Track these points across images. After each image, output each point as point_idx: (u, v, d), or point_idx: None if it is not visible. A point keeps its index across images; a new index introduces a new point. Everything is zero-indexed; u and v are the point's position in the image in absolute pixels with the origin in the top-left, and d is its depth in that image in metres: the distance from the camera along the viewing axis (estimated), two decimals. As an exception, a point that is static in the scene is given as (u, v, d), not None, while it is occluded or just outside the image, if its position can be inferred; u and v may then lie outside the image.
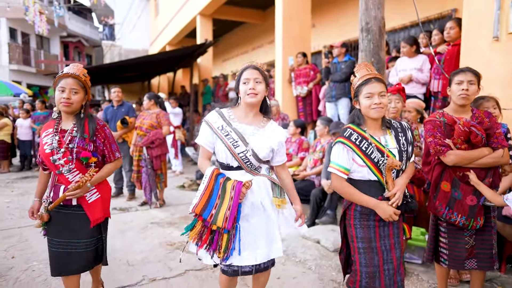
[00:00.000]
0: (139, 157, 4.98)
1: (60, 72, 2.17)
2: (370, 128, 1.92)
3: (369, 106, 1.84)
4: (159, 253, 3.44)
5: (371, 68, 1.95)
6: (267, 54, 11.83)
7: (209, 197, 1.89)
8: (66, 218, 2.15)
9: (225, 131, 1.95)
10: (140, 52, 19.54)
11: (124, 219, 4.50)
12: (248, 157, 1.94)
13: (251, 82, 1.93)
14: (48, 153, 2.08)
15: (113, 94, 5.44)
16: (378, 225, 1.91)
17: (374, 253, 1.89)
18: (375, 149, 1.85)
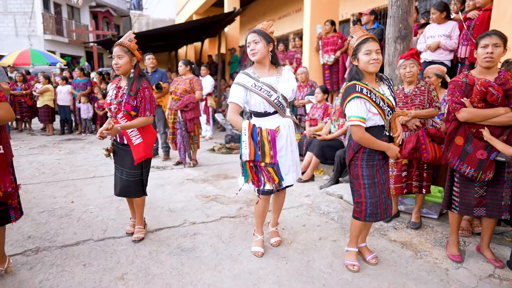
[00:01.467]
0: (174, 120, 5.35)
1: None
2: (369, 82, 2.27)
3: (368, 61, 2.19)
4: (196, 203, 3.84)
5: (364, 30, 2.29)
6: (294, 23, 11.77)
7: (253, 144, 2.38)
8: (120, 151, 2.83)
9: (258, 86, 2.45)
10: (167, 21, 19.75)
11: (162, 176, 4.94)
12: (280, 101, 2.49)
13: (251, 44, 2.42)
14: (108, 102, 2.79)
15: (147, 61, 5.75)
16: (379, 164, 2.36)
17: (376, 186, 2.35)
18: (379, 98, 2.23)
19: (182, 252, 2.75)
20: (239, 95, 2.48)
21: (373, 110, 2.22)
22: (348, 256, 2.58)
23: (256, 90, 2.44)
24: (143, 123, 2.75)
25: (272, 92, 2.44)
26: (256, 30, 2.45)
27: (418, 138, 2.95)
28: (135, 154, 2.73)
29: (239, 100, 2.48)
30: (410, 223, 3.22)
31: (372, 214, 2.37)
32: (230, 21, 10.85)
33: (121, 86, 2.75)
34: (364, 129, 2.24)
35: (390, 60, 3.74)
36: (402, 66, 3.06)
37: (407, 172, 3.17)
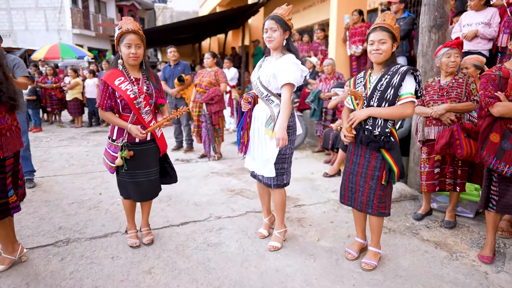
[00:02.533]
0: (199, 113, 5.35)
1: (118, 28, 2.42)
2: (374, 70, 2.27)
3: (370, 52, 2.19)
4: (222, 197, 3.83)
5: (387, 17, 2.20)
6: (320, 13, 11.48)
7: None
8: (146, 152, 2.57)
9: (258, 65, 2.61)
10: (191, 14, 19.79)
11: (187, 168, 4.96)
12: (258, 85, 2.51)
13: (268, 31, 2.40)
14: (132, 97, 2.41)
15: (169, 54, 5.77)
16: (353, 152, 2.38)
17: (345, 172, 2.46)
18: (362, 85, 2.28)
19: (208, 247, 2.74)
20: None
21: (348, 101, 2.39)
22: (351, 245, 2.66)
23: (255, 70, 2.61)
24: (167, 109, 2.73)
25: (254, 73, 2.57)
26: (274, 17, 2.41)
27: (452, 133, 2.80)
28: (161, 146, 2.65)
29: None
30: (444, 222, 3.08)
31: (340, 194, 2.54)
32: (254, 12, 10.71)
33: (137, 78, 2.49)
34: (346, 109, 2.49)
35: (424, 51, 3.55)
36: (446, 54, 2.87)
37: (440, 168, 3.02)
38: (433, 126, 2.95)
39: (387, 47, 2.16)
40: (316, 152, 5.89)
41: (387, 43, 2.15)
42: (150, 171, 2.62)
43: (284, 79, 2.37)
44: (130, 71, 2.48)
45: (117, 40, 2.43)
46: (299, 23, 13.07)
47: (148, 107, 2.49)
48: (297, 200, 3.74)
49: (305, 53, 8.46)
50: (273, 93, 2.47)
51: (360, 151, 2.35)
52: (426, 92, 3.03)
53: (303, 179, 4.48)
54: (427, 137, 3.00)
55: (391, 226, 3.11)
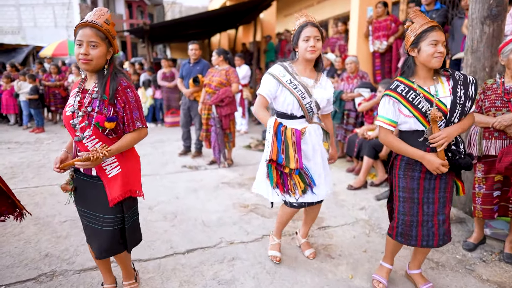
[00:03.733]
0: (208, 116, 4.87)
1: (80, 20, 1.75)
2: (420, 78, 1.91)
3: (433, 54, 1.81)
4: (233, 215, 3.35)
5: (426, 17, 1.89)
6: (334, 7, 10.88)
7: (276, 145, 2.10)
8: (88, 188, 1.85)
9: (294, 84, 2.17)
10: (200, 9, 19.34)
11: (194, 178, 4.49)
12: (312, 107, 2.23)
13: (311, 39, 2.11)
14: (69, 115, 1.76)
15: (190, 52, 5.32)
16: (424, 177, 1.92)
17: (414, 203, 1.95)
18: (423, 99, 1.84)
19: (219, 286, 2.26)
20: (270, 88, 2.23)
21: (404, 111, 1.89)
22: (378, 270, 2.30)
23: (290, 88, 2.19)
24: (137, 140, 1.83)
25: (306, 95, 2.20)
26: (316, 24, 2.17)
27: (523, 149, 2.26)
28: (110, 192, 1.78)
29: (268, 93, 2.23)
30: (505, 256, 2.54)
31: (404, 234, 2.01)
32: (266, 6, 10.17)
33: (87, 89, 1.80)
34: (388, 132, 1.95)
35: (475, 47, 2.99)
36: None
37: (501, 191, 2.48)
38: (494, 139, 2.42)
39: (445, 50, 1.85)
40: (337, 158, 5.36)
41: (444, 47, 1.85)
42: (93, 215, 1.85)
43: (331, 108, 2.42)
44: (88, 78, 1.85)
45: (74, 36, 1.77)
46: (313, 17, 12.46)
47: (89, 130, 1.73)
48: (321, 221, 3.24)
49: (322, 49, 7.91)
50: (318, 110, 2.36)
51: (434, 175, 1.93)
52: (485, 97, 2.49)
53: (325, 192, 3.96)
54: (486, 152, 2.47)
55: (439, 258, 2.59)
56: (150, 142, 6.68)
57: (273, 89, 2.21)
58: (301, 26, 2.15)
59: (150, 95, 8.36)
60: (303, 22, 2.17)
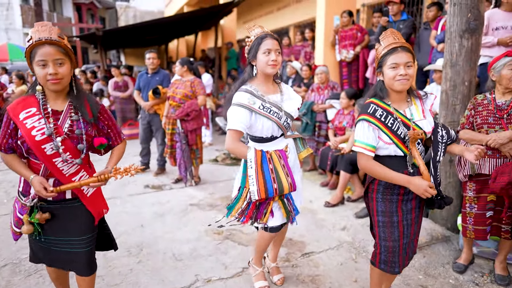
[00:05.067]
0: (172, 131, 4.49)
1: (28, 40, 1.61)
2: (394, 101, 1.80)
3: (394, 77, 1.71)
4: (208, 244, 3.01)
5: (398, 36, 1.78)
6: (295, 14, 10.90)
7: (263, 177, 1.92)
8: (61, 213, 1.75)
9: (267, 108, 2.00)
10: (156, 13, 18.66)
11: (159, 199, 4.08)
12: (288, 123, 2.11)
13: (272, 53, 1.95)
14: (42, 140, 1.61)
15: (147, 61, 4.89)
16: (401, 199, 1.83)
17: (394, 227, 1.83)
18: (401, 124, 1.76)
19: None
20: (243, 120, 1.97)
21: (384, 138, 1.76)
22: None
23: (265, 113, 2.00)
24: (123, 152, 1.96)
25: (282, 114, 2.05)
26: (275, 36, 2.01)
27: (517, 169, 2.17)
28: (95, 209, 1.81)
29: (242, 126, 1.97)
30: (496, 277, 2.46)
31: (387, 262, 1.88)
32: (227, 12, 9.93)
33: (59, 111, 1.68)
34: (369, 158, 1.79)
35: (454, 60, 2.93)
36: (509, 65, 2.24)
37: (493, 211, 2.39)
38: (487, 158, 2.32)
39: (414, 71, 1.74)
40: (308, 170, 5.19)
41: (413, 67, 1.73)
42: (67, 241, 1.77)
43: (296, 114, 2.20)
44: (51, 99, 1.70)
45: (28, 57, 1.62)
46: (273, 25, 12.44)
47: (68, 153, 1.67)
48: (303, 245, 3.00)
49: (285, 57, 7.79)
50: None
51: (411, 195, 1.83)
52: (476, 113, 2.39)
53: (302, 210, 3.71)
54: (478, 171, 2.36)
55: (432, 284, 2.44)
56: (106, 157, 6.09)
57: (246, 120, 1.98)
58: (260, 37, 1.97)
59: (107, 106, 7.72)
60: (261, 33, 1.98)
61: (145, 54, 4.97)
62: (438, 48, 4.34)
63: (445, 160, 3.07)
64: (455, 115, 2.98)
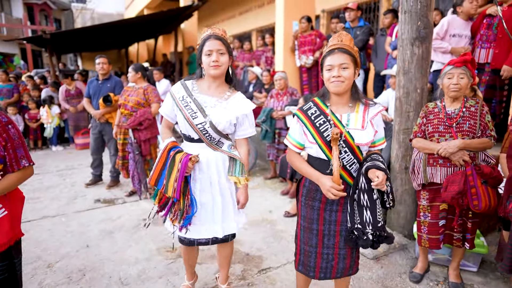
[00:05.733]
0: (124, 141, 4.23)
1: None
2: (333, 104, 1.76)
3: (328, 79, 1.68)
4: (159, 264, 2.81)
5: (344, 37, 1.70)
6: (257, 19, 10.88)
7: (161, 169, 1.95)
8: None
9: (185, 101, 1.96)
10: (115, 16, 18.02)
11: (111, 215, 3.81)
12: (207, 129, 1.95)
13: (214, 54, 1.88)
14: None
15: (97, 66, 4.59)
16: (323, 208, 1.78)
17: (313, 234, 1.81)
18: (332, 127, 1.68)
19: None
20: (168, 106, 2.05)
21: (308, 137, 1.73)
22: None
23: (180, 105, 1.96)
24: (21, 181, 1.68)
25: (199, 114, 1.94)
26: (220, 37, 1.91)
27: (467, 178, 2.17)
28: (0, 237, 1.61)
29: (166, 112, 2.06)
30: (450, 285, 2.45)
31: (304, 264, 1.87)
32: (187, 16, 9.71)
33: None
34: (294, 153, 1.83)
35: (406, 68, 2.94)
36: (448, 75, 2.26)
37: (446, 220, 2.39)
38: (439, 167, 2.30)
39: (350, 73, 1.65)
40: (269, 178, 5.10)
41: (349, 69, 1.65)
42: None
43: (248, 132, 2.05)
44: None
45: None
46: (235, 29, 12.36)
47: None
48: (260, 260, 2.87)
49: (246, 62, 7.70)
50: (225, 135, 2.03)
51: (335, 206, 1.77)
52: (427, 121, 2.38)
53: (261, 222, 3.63)
54: (431, 179, 2.35)
55: (389, 297, 2.40)
56: (57, 170, 5.72)
57: (169, 107, 2.04)
58: (204, 39, 1.92)
59: (56, 113, 7.21)
60: (206, 35, 1.93)
61: (95, 59, 4.68)
62: (392, 55, 4.41)
63: (401, 168, 3.07)
64: (409, 122, 2.98)
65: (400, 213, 3.13)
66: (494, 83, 3.46)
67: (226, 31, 1.98)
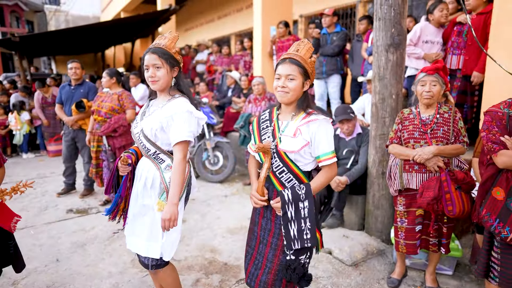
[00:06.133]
0: (98, 148, 4.10)
1: None
2: (282, 112, 1.79)
3: (275, 88, 1.70)
4: (133, 278, 2.70)
5: (302, 47, 1.71)
6: (235, 23, 10.87)
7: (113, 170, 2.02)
8: None
9: (142, 111, 1.97)
10: (91, 19, 17.62)
11: (84, 226, 3.66)
12: (141, 138, 1.87)
13: (150, 69, 1.82)
14: None
15: (69, 71, 4.43)
16: (262, 214, 1.81)
17: (254, 236, 1.85)
18: (270, 132, 1.74)
19: None
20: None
21: (254, 140, 1.82)
22: None
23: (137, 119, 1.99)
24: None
25: (138, 124, 1.93)
26: (157, 50, 1.81)
27: (441, 184, 2.20)
28: None
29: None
30: (427, 290, 2.47)
31: (244, 263, 1.90)
32: (165, 20, 9.59)
33: None
34: (252, 158, 1.89)
35: (381, 74, 2.97)
36: (421, 82, 2.30)
37: (422, 225, 2.41)
38: (414, 173, 2.32)
39: (296, 85, 1.64)
40: (248, 184, 5.05)
41: (296, 80, 1.64)
42: None
43: (176, 137, 1.77)
44: None
45: None
46: (214, 34, 12.32)
47: None
48: (239, 270, 2.81)
49: (225, 67, 7.66)
50: (162, 149, 1.87)
51: (269, 214, 1.78)
52: (403, 127, 2.40)
53: (239, 229, 3.57)
54: (407, 185, 2.36)
55: (368, 304, 2.39)
56: (27, 178, 5.45)
57: None
58: (144, 53, 1.87)
59: (26, 120, 6.93)
60: (147, 49, 1.86)
61: (67, 64, 4.52)
62: (369, 60, 4.46)
63: (378, 173, 3.09)
64: (385, 127, 3.01)
65: (377, 218, 3.15)
66: (465, 89, 3.55)
67: (176, 37, 1.88)
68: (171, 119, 1.78)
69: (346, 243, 2.97)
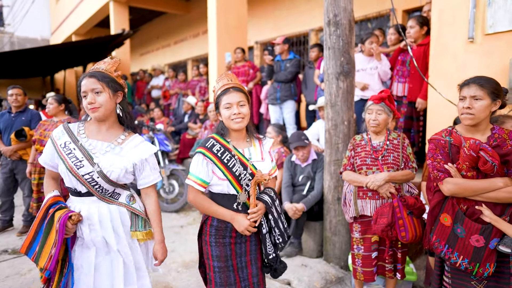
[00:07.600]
0: (39, 181, 3.78)
1: None
2: (233, 140, 1.82)
3: (229, 117, 1.74)
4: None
5: (232, 77, 1.83)
6: (191, 49, 10.90)
7: (35, 231, 1.64)
8: None
9: (68, 148, 1.66)
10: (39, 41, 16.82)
11: (18, 269, 3.28)
12: (96, 180, 1.67)
13: (88, 95, 1.65)
14: None
15: (9, 98, 4.10)
16: (234, 242, 1.83)
17: (230, 271, 1.81)
18: (238, 162, 1.76)
19: None
20: (47, 154, 1.73)
21: (218, 174, 1.75)
22: None
23: (62, 153, 1.65)
24: None
25: (86, 163, 1.65)
26: (96, 73, 1.67)
27: (394, 210, 2.23)
28: None
29: (46, 162, 1.74)
30: (385, 317, 2.45)
31: None
32: (119, 44, 9.36)
33: None
34: (198, 192, 1.78)
35: (333, 101, 3.03)
36: (368, 110, 2.39)
37: (378, 251, 2.41)
38: (368, 199, 2.34)
39: (247, 110, 1.76)
40: (206, 212, 4.89)
41: (246, 106, 1.76)
42: None
43: (152, 178, 1.80)
44: None
45: None
46: (170, 58, 12.25)
47: None
48: (195, 309, 2.64)
49: (182, 91, 7.57)
50: (120, 185, 1.76)
51: (244, 238, 1.84)
52: (355, 154, 2.44)
53: (195, 263, 3.38)
54: (362, 212, 2.37)
55: (328, 337, 2.32)
56: None
57: (49, 155, 1.72)
58: (79, 80, 1.70)
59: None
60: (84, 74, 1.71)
61: (7, 90, 4.19)
62: (321, 87, 4.59)
63: (333, 198, 3.11)
64: (339, 153, 3.05)
65: (335, 244, 3.13)
66: (411, 115, 3.73)
67: (117, 62, 1.76)
68: (146, 162, 1.77)
69: (304, 273, 2.91)
